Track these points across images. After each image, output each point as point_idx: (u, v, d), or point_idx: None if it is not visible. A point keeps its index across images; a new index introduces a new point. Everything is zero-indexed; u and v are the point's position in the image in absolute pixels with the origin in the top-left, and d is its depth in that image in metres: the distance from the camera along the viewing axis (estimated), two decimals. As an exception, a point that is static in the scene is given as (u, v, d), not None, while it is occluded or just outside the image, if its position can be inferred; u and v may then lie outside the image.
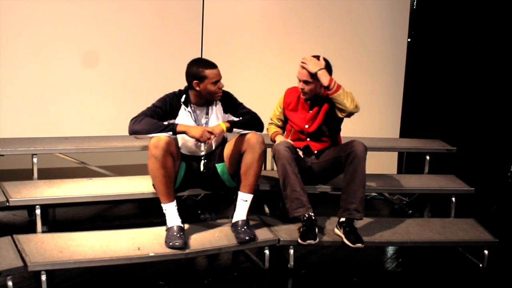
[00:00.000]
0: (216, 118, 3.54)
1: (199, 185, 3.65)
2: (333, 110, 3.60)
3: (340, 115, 3.57)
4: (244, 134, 3.44)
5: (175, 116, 3.47)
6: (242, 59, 4.76)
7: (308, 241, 3.40)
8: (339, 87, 3.50)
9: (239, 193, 3.47)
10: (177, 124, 3.35)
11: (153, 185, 3.46)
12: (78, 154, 4.32)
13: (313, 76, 3.55)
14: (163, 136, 3.27)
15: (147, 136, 3.35)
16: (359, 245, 3.43)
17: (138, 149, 4.03)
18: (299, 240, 3.44)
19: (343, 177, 3.56)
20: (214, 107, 3.54)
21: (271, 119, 3.94)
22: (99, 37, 4.42)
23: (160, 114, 3.40)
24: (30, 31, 4.21)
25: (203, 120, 3.52)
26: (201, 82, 3.40)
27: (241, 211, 3.47)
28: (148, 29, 4.56)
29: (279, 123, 3.89)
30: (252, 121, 3.50)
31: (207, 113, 3.53)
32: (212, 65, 3.43)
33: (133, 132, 3.34)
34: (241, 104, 3.60)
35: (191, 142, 3.48)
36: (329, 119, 3.69)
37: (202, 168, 3.52)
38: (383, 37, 5.02)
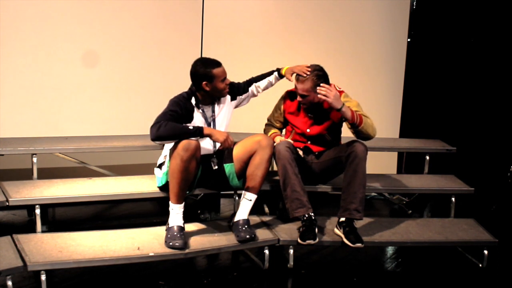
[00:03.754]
0: (226, 112, 3.57)
1: (203, 184, 3.64)
2: (337, 123, 3.69)
3: (359, 138, 3.58)
4: (254, 136, 3.47)
5: (190, 119, 3.44)
6: (242, 59, 4.75)
7: (308, 241, 3.40)
8: (361, 118, 3.49)
9: (245, 192, 3.48)
10: (202, 127, 3.31)
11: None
12: (78, 154, 4.32)
13: (311, 90, 3.55)
14: (193, 141, 3.25)
15: (170, 142, 3.31)
16: (359, 244, 3.43)
17: (138, 149, 4.03)
18: (299, 240, 3.44)
19: (343, 177, 3.56)
20: (220, 104, 3.55)
21: (268, 120, 3.91)
22: (99, 37, 4.43)
23: (176, 118, 3.35)
24: (30, 31, 4.21)
25: (210, 118, 3.52)
26: (211, 82, 3.39)
27: (243, 210, 3.47)
28: (148, 29, 4.56)
29: (277, 125, 3.86)
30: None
31: (213, 111, 3.53)
32: (218, 64, 3.43)
33: (158, 138, 3.25)
34: (238, 82, 3.69)
35: (203, 141, 3.46)
36: (332, 128, 3.71)
37: (215, 166, 3.50)
38: (383, 37, 5.02)
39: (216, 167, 3.50)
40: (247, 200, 3.47)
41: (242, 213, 3.48)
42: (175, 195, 3.31)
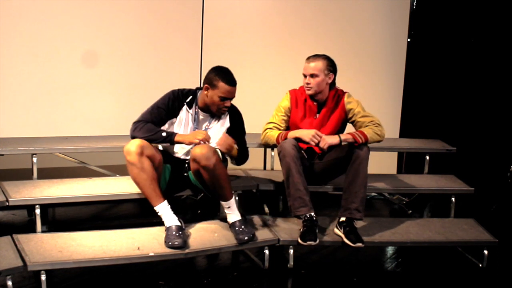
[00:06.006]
0: (218, 133, 3.51)
1: (187, 187, 3.64)
2: (342, 125, 3.71)
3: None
4: (193, 151, 3.32)
5: (175, 115, 3.46)
6: (241, 59, 4.75)
7: (309, 242, 3.39)
8: (364, 135, 3.51)
9: (220, 202, 3.46)
10: (175, 134, 3.36)
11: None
12: (77, 154, 4.32)
13: (322, 70, 3.57)
14: (136, 140, 3.27)
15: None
16: (359, 244, 3.43)
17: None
18: (299, 240, 3.43)
19: (345, 176, 3.56)
20: (219, 122, 3.53)
21: (271, 123, 3.75)
22: (99, 37, 4.43)
23: (163, 114, 3.41)
24: (30, 31, 4.21)
25: (204, 126, 3.51)
26: (211, 89, 3.40)
27: (232, 214, 3.45)
28: (148, 29, 4.56)
29: (283, 126, 3.73)
30: (243, 155, 3.61)
31: (209, 122, 3.53)
32: (230, 81, 3.39)
33: (134, 138, 3.34)
34: (244, 131, 3.64)
35: (184, 149, 3.50)
36: (337, 130, 3.72)
37: (185, 172, 3.53)
38: (383, 37, 5.02)
39: (186, 174, 3.52)
40: (226, 207, 3.44)
41: (233, 216, 3.45)
42: (150, 197, 3.31)
